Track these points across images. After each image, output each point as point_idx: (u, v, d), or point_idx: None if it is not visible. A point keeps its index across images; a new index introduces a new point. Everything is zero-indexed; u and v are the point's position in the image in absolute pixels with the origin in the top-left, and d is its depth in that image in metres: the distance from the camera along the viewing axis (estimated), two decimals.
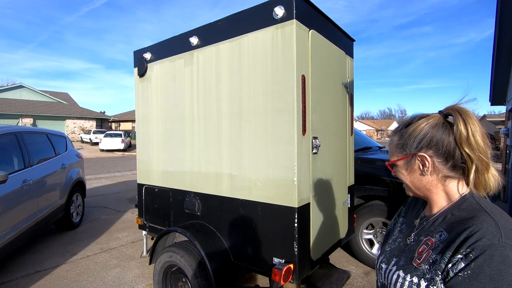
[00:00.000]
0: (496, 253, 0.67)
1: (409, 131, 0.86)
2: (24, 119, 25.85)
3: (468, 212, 0.79)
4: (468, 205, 0.80)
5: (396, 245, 0.95)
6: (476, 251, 0.69)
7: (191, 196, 2.58)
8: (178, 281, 2.46)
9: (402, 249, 0.91)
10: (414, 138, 0.84)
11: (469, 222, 0.75)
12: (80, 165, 5.48)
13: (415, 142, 0.84)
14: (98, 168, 13.14)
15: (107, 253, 3.92)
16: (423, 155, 0.83)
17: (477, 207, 0.79)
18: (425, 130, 0.83)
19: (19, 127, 4.11)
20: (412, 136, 0.85)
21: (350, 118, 2.81)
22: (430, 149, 0.82)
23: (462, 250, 0.71)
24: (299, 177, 1.94)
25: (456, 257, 0.72)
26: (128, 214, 5.78)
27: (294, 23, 1.90)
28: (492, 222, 0.73)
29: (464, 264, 0.70)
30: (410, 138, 0.85)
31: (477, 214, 0.76)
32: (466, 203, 0.81)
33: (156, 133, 2.90)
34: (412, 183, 0.89)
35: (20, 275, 3.30)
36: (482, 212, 0.76)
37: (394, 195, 3.30)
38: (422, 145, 0.83)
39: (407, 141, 0.86)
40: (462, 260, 0.70)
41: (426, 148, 0.83)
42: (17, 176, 3.42)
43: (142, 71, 2.97)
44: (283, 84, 1.96)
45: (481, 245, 0.69)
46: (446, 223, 0.81)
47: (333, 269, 2.71)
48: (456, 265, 0.71)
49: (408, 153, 0.86)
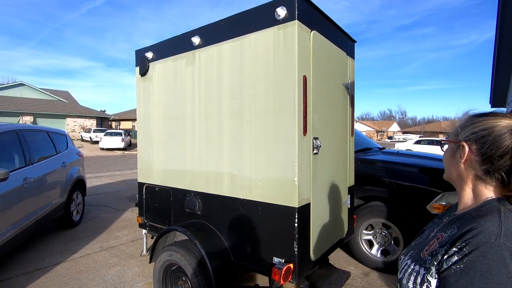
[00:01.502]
0: (490, 251, 0.67)
1: (476, 121, 0.84)
2: (25, 117, 25.85)
3: (482, 213, 0.77)
4: (488, 208, 0.78)
5: (420, 240, 0.96)
6: (470, 246, 0.69)
7: (192, 195, 2.58)
8: (178, 280, 2.46)
9: (422, 243, 0.92)
10: (471, 128, 0.84)
11: (476, 219, 0.75)
12: (81, 164, 5.49)
13: (468, 132, 0.84)
14: (98, 167, 13.14)
15: (107, 251, 3.93)
16: (463, 144, 0.83)
17: (495, 209, 0.76)
18: (488, 125, 0.81)
19: (20, 125, 4.11)
20: (472, 126, 0.84)
21: (350, 118, 2.82)
22: (476, 144, 0.81)
23: (458, 243, 0.72)
24: (299, 177, 1.95)
25: (452, 249, 0.73)
26: (128, 213, 5.79)
27: (296, 24, 1.90)
28: (496, 222, 0.72)
29: (457, 258, 0.71)
30: (468, 127, 0.85)
31: (488, 214, 0.75)
32: (488, 206, 0.79)
33: (157, 132, 2.91)
34: (447, 166, 0.92)
35: (20, 272, 3.31)
36: (495, 213, 0.75)
37: (394, 196, 3.31)
38: (472, 137, 0.82)
39: (462, 129, 0.86)
40: (456, 253, 0.71)
41: (472, 142, 0.82)
42: (18, 173, 3.43)
43: (144, 70, 2.98)
44: (285, 84, 1.97)
45: (476, 241, 0.70)
46: (461, 221, 0.81)
47: (332, 269, 2.72)
48: (450, 257, 0.72)
49: (457, 139, 0.87)
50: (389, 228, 3.35)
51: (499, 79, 8.49)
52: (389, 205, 3.33)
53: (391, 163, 3.56)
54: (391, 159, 3.72)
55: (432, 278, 0.77)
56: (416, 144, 20.55)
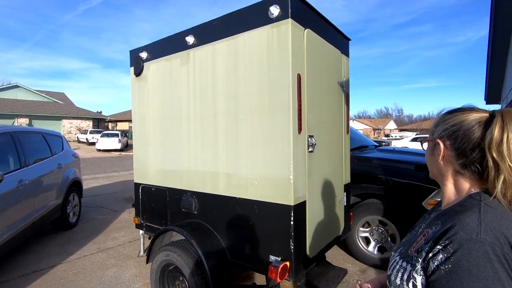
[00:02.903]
0: (474, 248, 0.68)
1: (448, 118, 0.86)
2: (20, 119, 25.65)
3: (464, 208, 0.79)
4: (469, 203, 0.79)
5: (410, 237, 0.97)
6: (454, 244, 0.70)
7: (188, 195, 2.58)
8: (175, 279, 2.46)
9: (410, 239, 0.93)
10: (443, 125, 0.86)
11: (457, 215, 0.77)
12: (77, 165, 5.46)
13: (441, 129, 0.86)
14: (95, 168, 13.08)
15: (104, 252, 3.91)
16: (438, 141, 0.86)
17: (475, 204, 0.77)
18: (457, 121, 0.83)
19: (14, 127, 4.09)
20: (444, 123, 0.86)
21: (346, 116, 2.83)
22: (449, 140, 0.84)
23: (441, 241, 0.73)
24: (295, 176, 1.96)
25: (436, 248, 0.74)
26: (125, 214, 5.77)
27: (289, 22, 1.91)
28: (475, 218, 0.73)
29: (443, 256, 0.71)
30: (441, 124, 0.87)
31: (468, 209, 0.77)
32: (469, 201, 0.80)
33: (153, 132, 2.91)
34: (429, 163, 0.94)
35: (17, 275, 3.29)
36: (475, 209, 0.76)
37: (390, 193, 3.33)
38: (444, 134, 0.85)
39: (438, 126, 0.89)
40: (441, 251, 0.72)
41: (445, 138, 0.85)
42: (12, 176, 3.41)
43: (138, 70, 2.97)
44: (279, 83, 1.97)
45: (459, 238, 0.70)
46: (445, 217, 0.82)
47: (329, 267, 2.73)
48: (436, 256, 0.73)
49: (433, 137, 0.90)
50: (386, 225, 3.37)
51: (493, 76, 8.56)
52: (385, 202, 3.35)
53: (387, 161, 3.57)
54: (387, 157, 3.73)
55: (417, 275, 0.77)
56: (413, 141, 20.69)
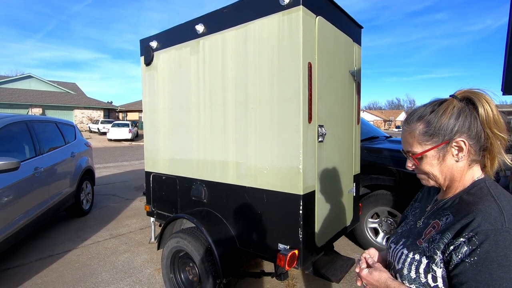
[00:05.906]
0: (501, 238, 0.67)
1: (438, 117, 0.81)
2: (34, 109, 26.22)
3: (475, 197, 0.78)
4: (477, 190, 0.80)
5: (407, 228, 0.96)
6: (480, 236, 0.69)
7: (198, 183, 2.61)
8: (185, 265, 2.52)
9: (412, 231, 0.92)
10: (447, 123, 0.80)
11: (474, 206, 0.76)
12: (89, 154, 5.57)
13: (449, 128, 0.80)
14: (106, 157, 13.33)
15: (116, 239, 4.02)
16: (461, 140, 0.80)
17: (485, 191, 0.78)
18: (456, 114, 0.80)
19: (29, 116, 4.18)
20: (444, 122, 0.80)
21: (357, 106, 2.78)
22: (463, 134, 0.80)
23: (465, 233, 0.71)
24: (304, 165, 1.95)
25: (458, 240, 0.72)
26: (136, 202, 5.89)
27: (300, 9, 1.87)
28: (496, 207, 0.72)
29: (468, 249, 0.70)
30: (442, 124, 0.80)
31: (483, 198, 0.76)
32: (476, 187, 0.80)
33: (163, 121, 2.93)
34: (442, 172, 0.84)
35: (34, 258, 3.42)
36: (489, 197, 0.76)
37: (400, 185, 3.29)
38: (457, 130, 0.79)
39: (439, 128, 0.81)
40: (465, 244, 0.70)
41: (460, 133, 0.80)
42: (28, 163, 3.51)
43: (149, 59, 2.98)
44: (289, 72, 1.95)
45: (485, 229, 0.69)
46: (454, 207, 0.81)
47: (337, 256, 2.74)
48: (459, 248, 0.71)
49: (441, 141, 0.81)
50: (395, 216, 3.35)
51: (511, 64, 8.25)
52: (395, 194, 3.32)
53: (398, 152, 3.53)
54: (398, 148, 3.68)
55: (437, 268, 0.76)
56: None
